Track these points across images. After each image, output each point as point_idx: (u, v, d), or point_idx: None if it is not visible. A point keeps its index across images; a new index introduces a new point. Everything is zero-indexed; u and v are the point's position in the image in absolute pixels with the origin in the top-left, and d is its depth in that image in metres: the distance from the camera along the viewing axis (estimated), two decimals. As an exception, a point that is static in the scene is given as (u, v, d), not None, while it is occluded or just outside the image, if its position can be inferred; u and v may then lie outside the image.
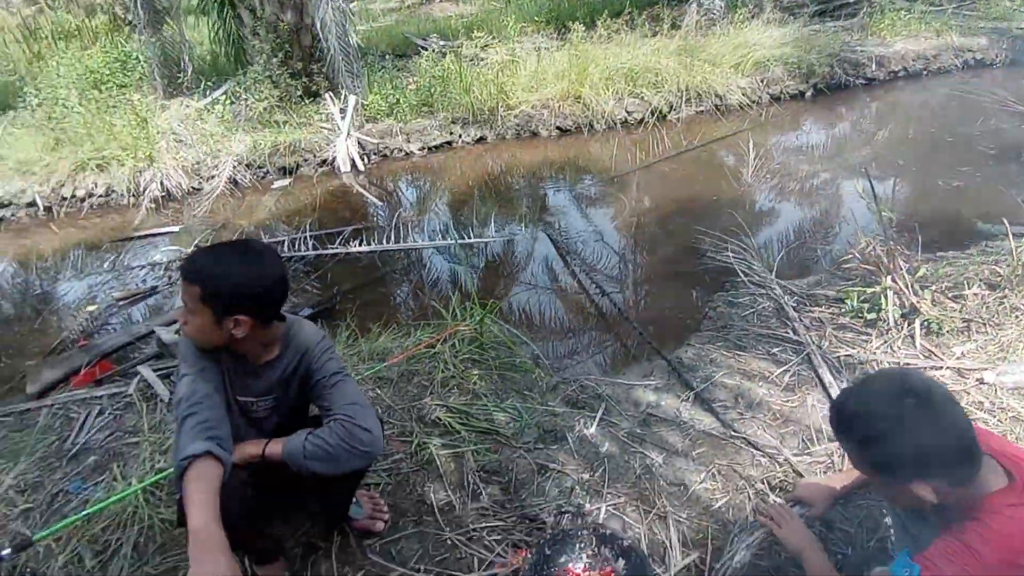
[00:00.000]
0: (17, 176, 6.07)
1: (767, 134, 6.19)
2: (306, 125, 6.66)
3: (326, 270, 4.15)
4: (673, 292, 3.64)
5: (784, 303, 2.98)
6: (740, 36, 7.67)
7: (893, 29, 8.28)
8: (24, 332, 3.94)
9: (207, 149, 6.31)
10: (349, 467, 1.53)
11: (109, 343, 3.27)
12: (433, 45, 8.88)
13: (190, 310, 1.43)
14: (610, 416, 2.45)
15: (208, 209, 5.68)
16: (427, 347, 2.76)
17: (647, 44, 7.58)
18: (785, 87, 7.19)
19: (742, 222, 4.00)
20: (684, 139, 6.15)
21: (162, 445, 2.38)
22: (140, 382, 2.84)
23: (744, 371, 2.62)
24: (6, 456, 2.47)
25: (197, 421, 1.39)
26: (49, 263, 5.04)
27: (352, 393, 1.58)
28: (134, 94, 7.08)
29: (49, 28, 14.51)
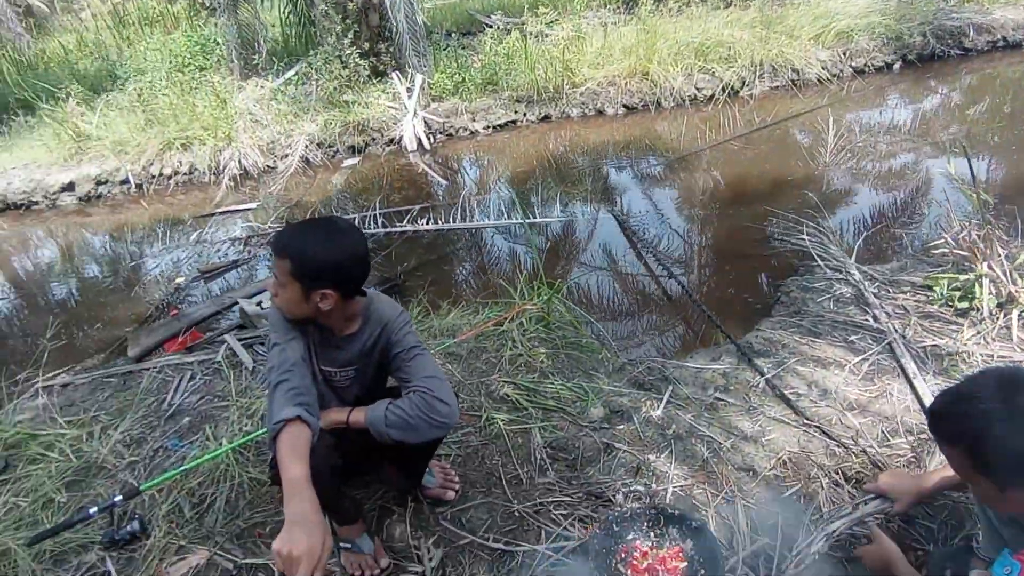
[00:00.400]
0: (112, 155, 6.50)
1: (848, 110, 5.85)
2: (374, 104, 6.80)
3: (394, 248, 4.26)
4: (742, 275, 3.54)
5: (864, 289, 2.85)
6: (822, 5, 7.25)
7: (994, -5, 7.62)
8: (119, 300, 4.26)
9: (280, 129, 6.56)
10: (427, 437, 1.60)
11: (198, 313, 3.50)
12: (498, 22, 8.83)
13: (280, 283, 1.52)
14: (677, 399, 2.44)
15: (282, 187, 5.93)
16: (495, 325, 2.81)
17: (719, 16, 7.28)
18: (871, 59, 6.76)
19: (819, 203, 3.83)
20: (757, 116, 5.90)
21: (248, 409, 2.54)
22: (227, 350, 3.03)
23: (818, 358, 2.53)
24: (113, 414, 2.71)
25: (288, 388, 1.48)
26: (140, 237, 5.40)
27: (430, 366, 1.65)
28: (214, 76, 7.43)
29: (136, 14, 15.32)
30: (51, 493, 2.23)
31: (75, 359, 3.46)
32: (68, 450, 2.44)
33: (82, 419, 2.66)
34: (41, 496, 2.22)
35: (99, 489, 2.26)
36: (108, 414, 2.72)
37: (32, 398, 2.94)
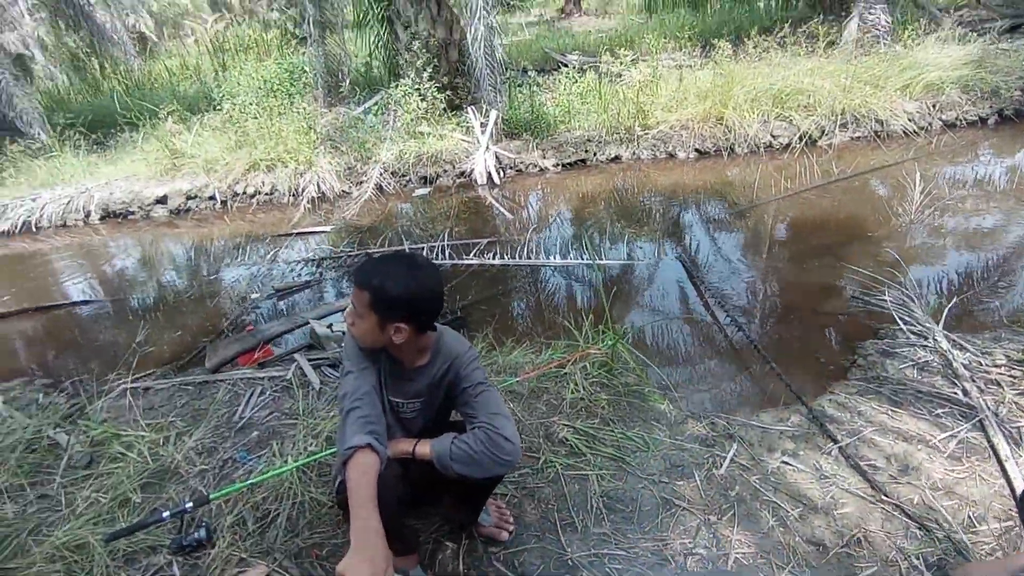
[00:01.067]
0: (203, 172, 6.97)
1: (937, 165, 5.58)
2: (448, 137, 7.02)
3: (460, 280, 4.33)
4: (815, 332, 3.40)
5: (952, 358, 2.68)
6: (910, 55, 7.01)
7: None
8: (198, 311, 4.51)
9: (358, 155, 6.86)
10: (489, 473, 1.62)
11: (271, 330, 3.65)
12: (574, 61, 9.01)
13: (358, 313, 1.59)
14: (741, 458, 2.35)
15: (355, 212, 6.17)
16: (558, 367, 2.81)
17: (800, 63, 7.16)
18: (962, 112, 6.45)
19: (901, 262, 3.66)
20: (836, 167, 5.71)
21: (314, 429, 2.62)
22: (296, 369, 3.14)
23: (899, 431, 2.39)
24: (188, 420, 2.86)
25: (360, 415, 1.55)
26: (221, 251, 5.72)
27: (496, 404, 1.67)
28: (301, 102, 7.88)
29: (233, 41, 16.51)
30: (128, 492, 2.36)
31: (156, 364, 3.67)
32: (146, 452, 2.58)
33: (160, 423, 2.81)
34: (119, 495, 2.35)
35: (171, 493, 2.37)
36: (184, 420, 2.86)
37: (118, 398, 3.13)
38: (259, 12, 23.42)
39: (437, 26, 7.69)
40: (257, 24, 21.07)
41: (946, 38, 7.61)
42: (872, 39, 8.17)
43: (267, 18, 20.16)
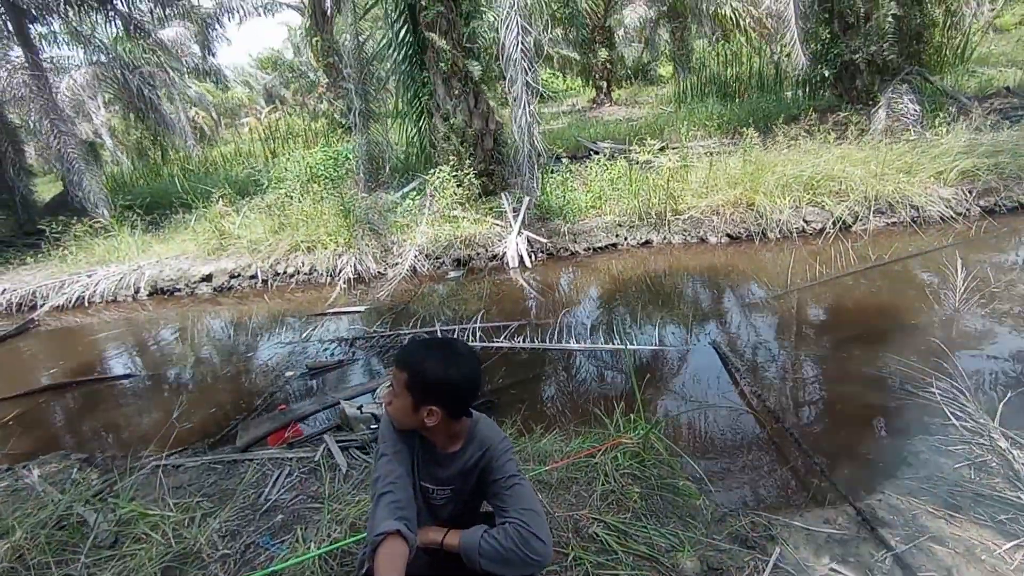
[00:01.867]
0: (247, 253, 7.28)
1: (978, 251, 5.46)
2: (482, 221, 7.24)
3: (491, 363, 4.32)
4: (859, 427, 3.24)
5: (1013, 459, 2.51)
6: (942, 142, 7.06)
7: None
8: (233, 387, 4.58)
9: (394, 238, 7.10)
10: (518, 572, 1.56)
11: (303, 410, 3.67)
12: (605, 149, 9.33)
13: (396, 393, 1.62)
14: (785, 562, 2.20)
15: (390, 293, 6.31)
16: (588, 456, 2.73)
17: (830, 150, 7.27)
18: (1001, 199, 6.38)
19: (948, 352, 3.52)
20: (872, 252, 5.64)
21: (339, 515, 2.56)
22: (324, 450, 3.13)
23: (958, 537, 2.21)
24: (214, 501, 2.84)
25: (391, 500, 1.54)
26: (259, 329, 5.87)
27: (529, 499, 1.63)
28: (342, 187, 8.30)
29: (284, 129, 17.71)
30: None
31: (189, 441, 3.71)
32: (170, 533, 2.55)
33: (187, 503, 2.80)
34: (140, 580, 2.31)
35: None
36: (210, 501, 2.84)
37: (149, 475, 3.15)
38: (309, 104, 25.22)
39: (474, 117, 8.13)
40: (307, 114, 22.67)
41: (978, 126, 7.66)
42: (902, 127, 8.29)
43: (316, 108, 21.67)
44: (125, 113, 17.67)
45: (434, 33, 7.74)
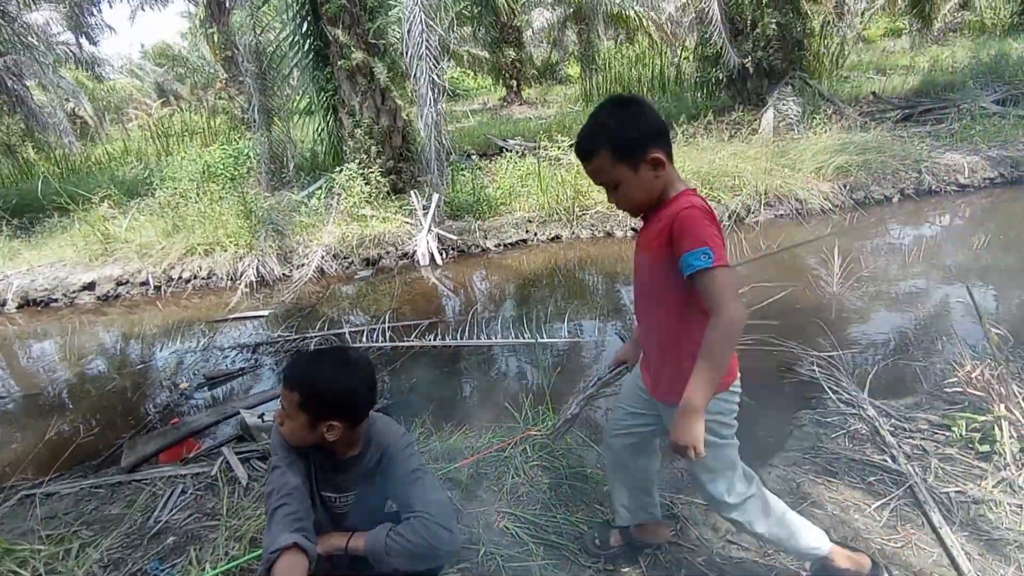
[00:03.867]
0: (137, 257, 6.75)
1: (852, 239, 6.00)
2: (391, 219, 7.10)
3: (401, 363, 4.25)
4: (752, 405, 3.43)
5: (879, 426, 2.77)
6: (820, 141, 7.68)
7: (986, 135, 8.03)
8: (121, 404, 4.22)
9: (299, 239, 6.82)
10: (427, 565, 1.54)
11: (198, 422, 3.44)
12: (516, 146, 9.42)
13: (288, 414, 1.53)
14: (684, 539, 2.30)
15: (296, 295, 6.05)
16: (498, 451, 2.73)
17: (725, 148, 7.72)
18: (870, 192, 7.04)
19: (828, 333, 3.83)
20: (763, 243, 6.05)
21: (236, 531, 2.42)
22: (223, 463, 2.94)
23: (836, 500, 2.41)
24: (95, 529, 2.59)
25: (286, 513, 1.46)
26: (151, 339, 5.46)
27: (432, 489, 1.61)
28: (243, 187, 7.87)
29: (179, 127, 16.56)
30: (15, 620, 2.08)
31: (68, 464, 3.38)
32: (42, 568, 2.31)
33: (62, 534, 2.55)
34: (3, 623, 2.07)
35: (67, 617, 2.11)
36: (90, 529, 2.60)
37: (16, 506, 2.83)
38: (208, 100, 23.75)
39: (381, 114, 7.95)
40: (204, 111, 21.31)
41: (850, 126, 8.42)
42: (786, 126, 8.95)
43: (216, 104, 20.43)
44: (-13, 106, 15.84)
45: (337, 28, 7.49)
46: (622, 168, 1.52)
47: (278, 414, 1.57)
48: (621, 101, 1.55)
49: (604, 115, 1.52)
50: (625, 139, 1.50)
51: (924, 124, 8.97)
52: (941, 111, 9.53)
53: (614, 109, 1.53)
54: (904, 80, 12.68)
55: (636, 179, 1.52)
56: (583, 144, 1.55)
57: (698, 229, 1.42)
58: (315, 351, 1.63)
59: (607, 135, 1.50)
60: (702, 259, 1.40)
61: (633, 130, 1.50)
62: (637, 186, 1.54)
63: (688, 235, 1.42)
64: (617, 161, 1.51)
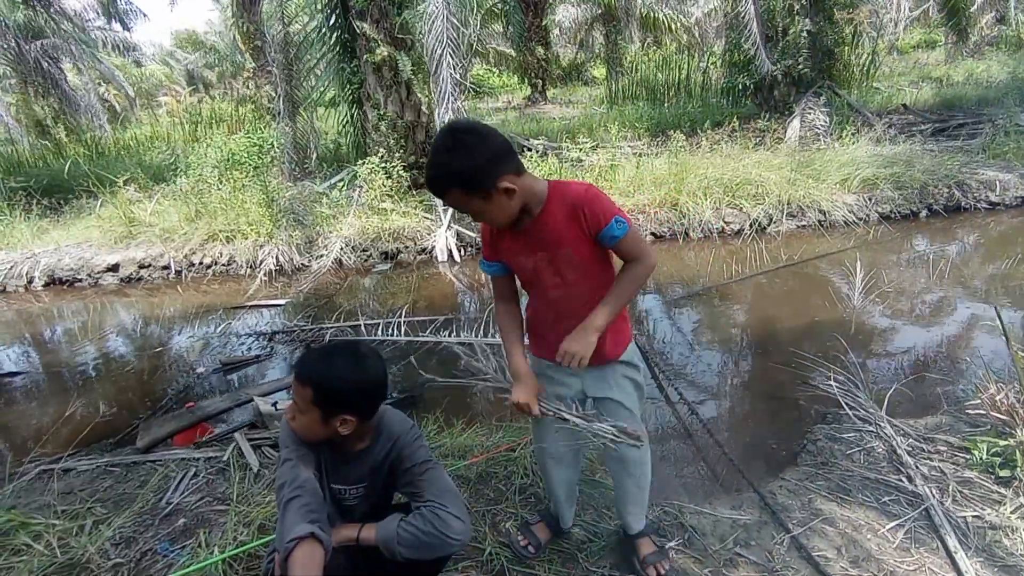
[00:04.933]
0: (159, 241, 6.85)
1: (876, 253, 5.89)
2: (411, 214, 7.13)
3: (414, 357, 4.26)
4: (766, 417, 3.42)
5: (896, 445, 2.71)
6: (847, 153, 7.56)
7: (1020, 153, 7.82)
8: (139, 385, 4.29)
9: (320, 230, 6.87)
10: (438, 554, 1.56)
11: (212, 407, 3.48)
12: (538, 146, 9.39)
13: (300, 409, 1.53)
14: (691, 549, 2.28)
15: (313, 286, 6.10)
16: (507, 450, 2.73)
17: (749, 156, 7.63)
18: (896, 206, 6.90)
19: (847, 348, 3.76)
20: (784, 253, 5.97)
21: (246, 517, 2.45)
22: (235, 449, 2.98)
23: (848, 518, 2.37)
24: (109, 506, 2.64)
25: (301, 504, 1.47)
26: (170, 322, 5.54)
27: (442, 481, 1.63)
28: (266, 176, 7.94)
29: (207, 114, 16.78)
30: (27, 592, 2.13)
31: (85, 441, 3.44)
32: (55, 543, 2.36)
33: (77, 509, 2.60)
34: (17, 594, 2.12)
35: (77, 592, 2.15)
36: (104, 506, 2.65)
37: (33, 481, 2.90)
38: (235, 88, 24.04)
39: (406, 109, 7.98)
40: (232, 99, 21.56)
41: (879, 139, 8.26)
42: (813, 136, 8.81)
43: (243, 93, 20.65)
44: (22, 87, 16.20)
45: (365, 22, 7.54)
46: (476, 200, 1.54)
47: (289, 409, 1.58)
48: (457, 133, 1.50)
49: (444, 153, 1.49)
50: (471, 175, 1.49)
51: (956, 139, 8.77)
52: (975, 126, 9.32)
53: (453, 144, 1.49)
54: (937, 93, 12.43)
55: (493, 206, 1.56)
56: (432, 185, 1.54)
57: (602, 203, 1.60)
58: (326, 346, 1.64)
59: (452, 173, 1.50)
60: (619, 228, 1.59)
61: (476, 164, 1.48)
62: (497, 211, 1.58)
63: (598, 212, 1.59)
64: (469, 195, 1.53)
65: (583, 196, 1.59)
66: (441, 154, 1.49)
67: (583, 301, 1.71)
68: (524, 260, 1.75)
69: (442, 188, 1.53)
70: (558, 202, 1.62)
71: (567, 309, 1.76)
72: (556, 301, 1.79)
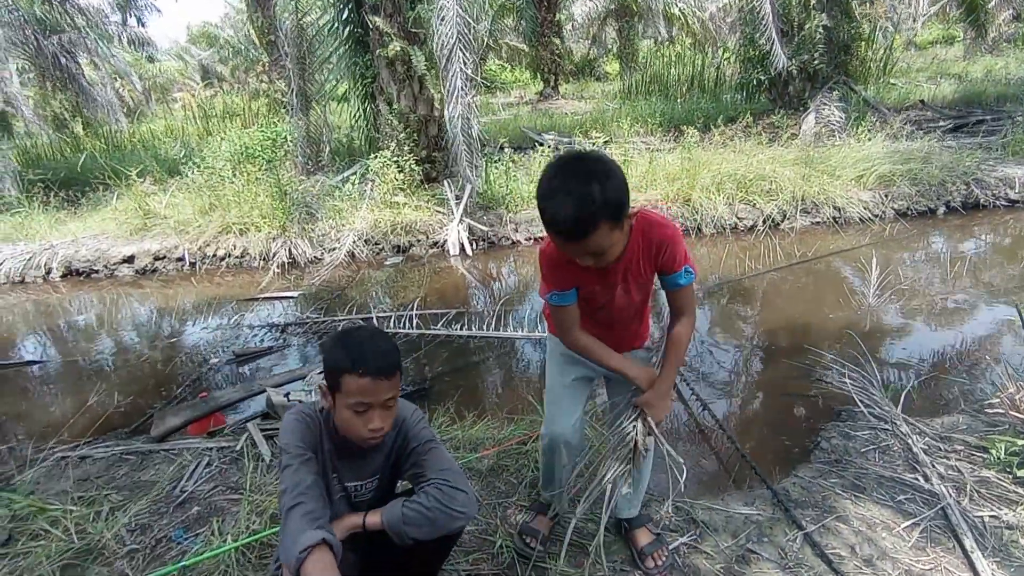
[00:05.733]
0: (174, 233, 6.91)
1: (892, 251, 5.82)
2: (423, 208, 7.13)
3: (426, 350, 4.27)
4: (778, 414, 3.39)
5: (912, 443, 2.68)
6: (863, 149, 7.46)
7: (1040, 149, 7.69)
8: (152, 375, 4.34)
9: (332, 223, 6.90)
10: (445, 530, 1.54)
11: (225, 397, 3.51)
12: (550, 140, 9.36)
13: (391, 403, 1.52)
14: (703, 544, 2.27)
15: (326, 278, 6.13)
16: (519, 443, 2.73)
17: (763, 152, 7.56)
18: (913, 203, 6.81)
19: (862, 345, 3.72)
20: (798, 250, 5.92)
21: (259, 506, 2.47)
22: (248, 439, 3.00)
23: (863, 517, 2.35)
24: (124, 494, 2.67)
25: (305, 511, 1.43)
26: (185, 313, 5.59)
27: (446, 459, 1.63)
28: (279, 169, 7.98)
29: (220, 108, 16.89)
30: (45, 575, 2.16)
31: (101, 430, 3.48)
32: (72, 529, 2.39)
33: (93, 496, 2.63)
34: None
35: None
36: (120, 494, 2.68)
37: (52, 467, 2.94)
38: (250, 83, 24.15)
39: (419, 103, 7.98)
40: (246, 93, 21.67)
41: (895, 134, 8.15)
42: (828, 132, 8.71)
43: (257, 88, 20.74)
44: (41, 82, 16.39)
45: (377, 16, 7.53)
46: (616, 233, 1.45)
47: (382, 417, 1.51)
48: (593, 163, 1.39)
49: (588, 184, 1.35)
50: (621, 204, 1.40)
51: (975, 135, 8.63)
52: (994, 123, 9.17)
53: (596, 173, 1.37)
54: (956, 89, 12.24)
55: (622, 236, 1.52)
56: (578, 225, 1.37)
57: (681, 249, 1.63)
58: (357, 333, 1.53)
59: (607, 203, 1.36)
60: (686, 278, 1.66)
61: (624, 191, 1.41)
62: (621, 242, 1.54)
63: (676, 256, 1.62)
64: (614, 227, 1.43)
65: (669, 239, 1.60)
66: (584, 186, 1.34)
67: (635, 311, 1.85)
68: (601, 290, 1.74)
69: (592, 224, 1.37)
70: (641, 235, 1.61)
71: (620, 318, 1.85)
72: (614, 312, 1.83)
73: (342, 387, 1.46)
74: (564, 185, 1.37)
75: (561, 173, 1.39)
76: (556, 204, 1.37)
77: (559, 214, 1.38)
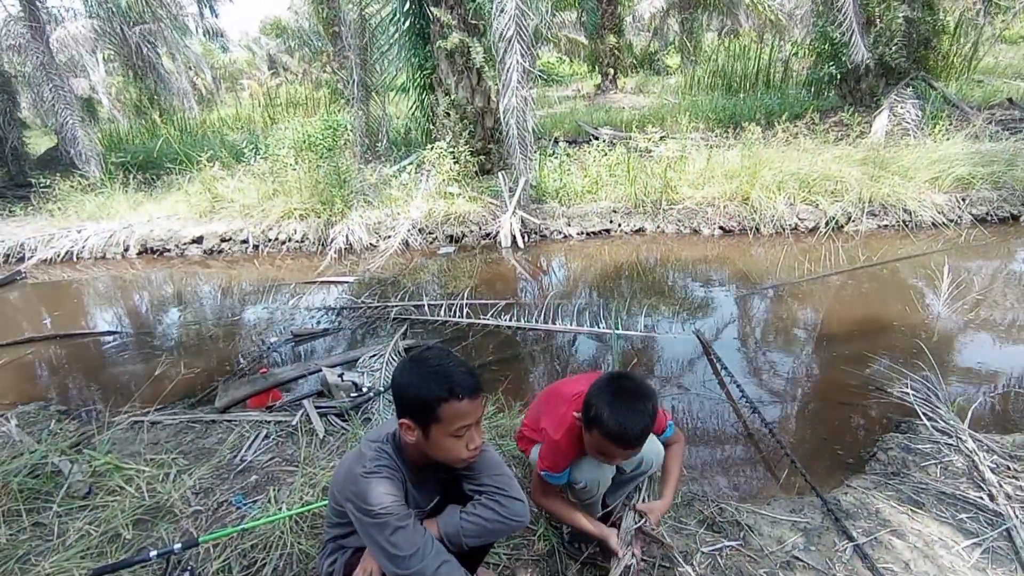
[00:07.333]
0: (240, 217, 7.23)
1: (967, 258, 5.50)
2: (477, 199, 7.21)
3: (476, 339, 4.34)
4: (833, 422, 3.28)
5: (979, 461, 2.55)
6: (939, 149, 7.05)
7: None
8: (216, 350, 4.57)
9: (388, 211, 7.06)
10: (500, 536, 1.61)
11: (284, 375, 3.68)
12: (605, 135, 9.28)
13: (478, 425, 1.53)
14: (747, 548, 2.23)
15: (380, 265, 6.29)
16: (564, 434, 2.74)
17: (828, 150, 7.26)
18: (994, 208, 6.40)
19: (929, 356, 3.55)
20: (862, 254, 5.66)
21: (312, 479, 2.58)
22: (303, 415, 3.14)
23: (920, 532, 2.26)
24: (190, 459, 2.85)
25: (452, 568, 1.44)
26: (247, 293, 5.85)
27: (496, 463, 1.64)
28: (339, 157, 8.23)
29: (284, 97, 17.49)
30: (120, 528, 2.34)
31: (169, 398, 3.71)
32: (144, 487, 2.57)
33: (163, 459, 2.81)
34: (111, 529, 2.33)
35: (162, 532, 2.34)
36: (186, 458, 2.86)
37: (126, 430, 3.16)
38: (313, 73, 24.89)
39: (476, 95, 8.06)
40: (309, 83, 22.37)
41: (978, 134, 7.66)
42: (902, 131, 8.27)
43: (319, 78, 21.38)
44: (124, 70, 17.38)
45: (439, 8, 7.63)
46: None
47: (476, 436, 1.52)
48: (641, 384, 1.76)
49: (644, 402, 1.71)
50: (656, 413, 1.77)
51: (1068, 137, 8.01)
52: (1090, 124, 8.49)
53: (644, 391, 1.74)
54: (1049, 87, 11.38)
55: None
56: (642, 437, 1.72)
57: (661, 420, 1.98)
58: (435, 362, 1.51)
59: (652, 418, 1.73)
60: (670, 430, 2.06)
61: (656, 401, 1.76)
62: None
63: (663, 425, 2.02)
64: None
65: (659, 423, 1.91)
66: (645, 404, 1.71)
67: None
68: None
69: (648, 434, 1.75)
70: None
71: None
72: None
73: (441, 417, 1.43)
74: (632, 405, 1.68)
75: (622, 394, 1.71)
76: (633, 423, 1.67)
77: (634, 431, 1.68)
